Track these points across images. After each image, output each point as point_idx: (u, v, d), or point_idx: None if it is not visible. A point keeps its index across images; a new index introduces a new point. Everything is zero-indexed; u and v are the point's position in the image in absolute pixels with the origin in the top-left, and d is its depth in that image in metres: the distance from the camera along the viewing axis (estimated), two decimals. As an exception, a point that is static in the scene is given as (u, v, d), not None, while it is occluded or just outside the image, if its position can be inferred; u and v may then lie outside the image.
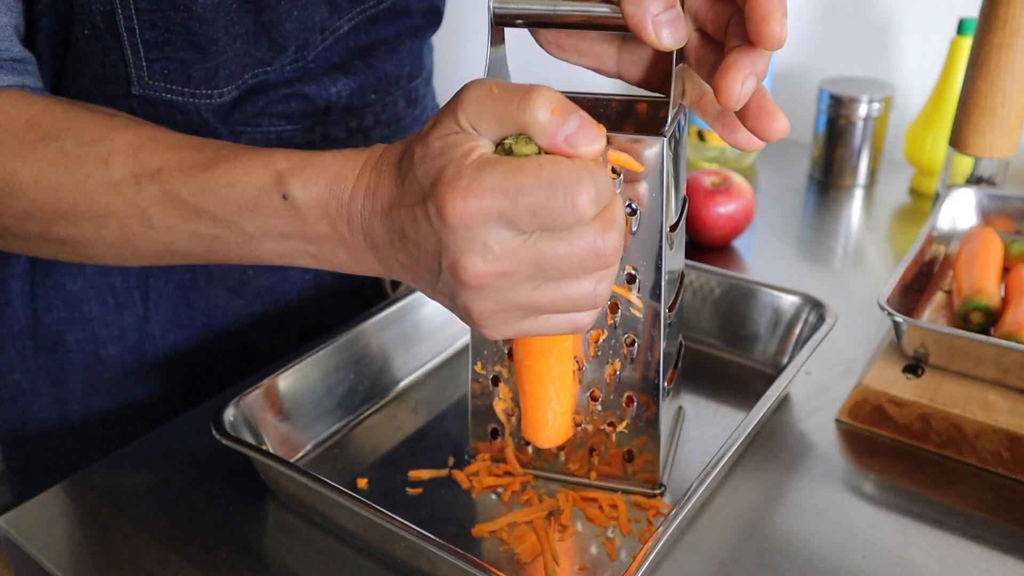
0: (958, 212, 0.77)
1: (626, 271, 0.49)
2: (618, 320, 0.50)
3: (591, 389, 0.52)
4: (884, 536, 0.51)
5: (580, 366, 0.51)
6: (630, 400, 0.52)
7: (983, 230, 0.72)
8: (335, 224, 0.41)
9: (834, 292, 0.77)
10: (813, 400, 0.62)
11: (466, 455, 0.57)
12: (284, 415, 0.57)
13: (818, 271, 0.83)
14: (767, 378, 0.62)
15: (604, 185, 0.36)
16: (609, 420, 0.53)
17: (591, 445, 0.54)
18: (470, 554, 0.43)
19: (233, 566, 0.50)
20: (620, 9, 0.40)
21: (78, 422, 0.69)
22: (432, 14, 0.74)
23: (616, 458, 0.53)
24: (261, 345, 0.72)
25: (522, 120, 0.36)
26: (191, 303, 0.68)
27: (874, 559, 0.49)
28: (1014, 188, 0.90)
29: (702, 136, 1.04)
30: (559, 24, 0.44)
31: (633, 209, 0.47)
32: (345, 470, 0.57)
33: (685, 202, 0.52)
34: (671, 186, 0.47)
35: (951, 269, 0.72)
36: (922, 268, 0.70)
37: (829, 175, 1.00)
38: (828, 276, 0.82)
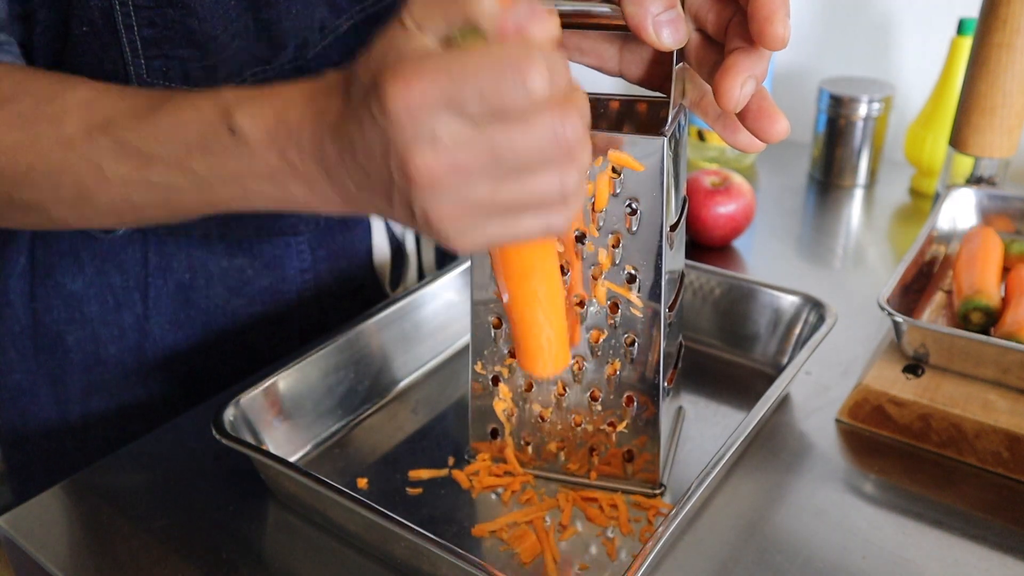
0: (958, 212, 0.77)
1: (626, 271, 0.49)
2: (618, 320, 0.50)
3: (591, 389, 0.52)
4: (884, 536, 0.51)
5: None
6: (630, 400, 0.52)
7: (983, 230, 0.72)
8: (285, 152, 0.38)
9: (834, 292, 0.77)
10: (813, 400, 0.62)
11: (466, 455, 0.57)
12: (284, 415, 0.57)
13: (818, 271, 0.83)
14: (767, 378, 0.62)
15: (558, 65, 0.33)
16: (609, 420, 0.53)
17: (591, 445, 0.54)
18: (470, 554, 0.43)
19: (233, 566, 0.50)
20: (620, 9, 0.40)
21: (78, 422, 0.69)
22: None
23: (616, 458, 0.53)
24: (261, 345, 0.72)
25: (469, 10, 0.34)
26: (191, 303, 0.68)
27: (874, 559, 0.49)
28: (1014, 188, 0.90)
29: (702, 136, 1.04)
30: (560, 24, 0.44)
31: (633, 209, 0.47)
32: (345, 470, 0.57)
33: (685, 202, 0.52)
34: (671, 186, 0.47)
35: (951, 269, 0.72)
36: (922, 268, 0.70)
37: (829, 175, 1.00)
38: (828, 276, 0.82)
